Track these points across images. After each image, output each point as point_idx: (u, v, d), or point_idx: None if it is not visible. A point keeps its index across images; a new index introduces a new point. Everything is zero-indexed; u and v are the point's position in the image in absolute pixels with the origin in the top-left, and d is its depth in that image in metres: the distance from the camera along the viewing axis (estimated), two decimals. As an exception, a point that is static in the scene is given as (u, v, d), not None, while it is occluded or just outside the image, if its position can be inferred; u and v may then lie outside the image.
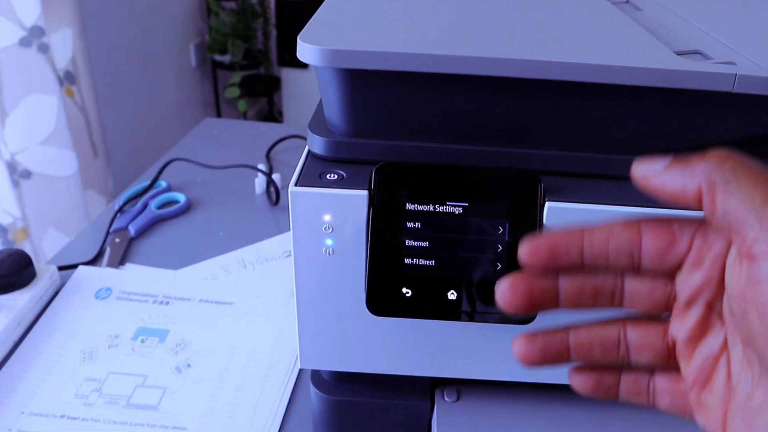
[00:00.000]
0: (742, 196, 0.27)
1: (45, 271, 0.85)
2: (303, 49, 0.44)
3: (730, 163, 0.28)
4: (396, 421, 0.59)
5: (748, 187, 0.27)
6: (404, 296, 0.45)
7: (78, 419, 0.68)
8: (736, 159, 0.28)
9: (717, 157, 0.29)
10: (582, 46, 0.47)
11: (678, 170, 0.29)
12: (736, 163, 0.28)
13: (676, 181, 0.29)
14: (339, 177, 0.47)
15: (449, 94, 0.46)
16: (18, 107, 1.56)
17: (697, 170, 0.29)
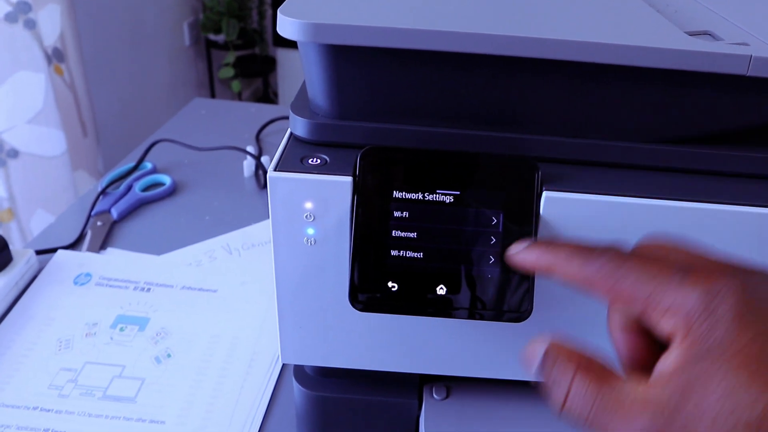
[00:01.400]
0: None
1: (22, 255, 0.82)
2: (283, 22, 0.41)
3: None
4: (383, 418, 0.56)
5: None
6: (390, 290, 0.42)
7: (51, 411, 0.65)
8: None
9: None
10: (585, 24, 0.44)
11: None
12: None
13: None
14: (322, 161, 0.44)
15: (441, 73, 0.43)
16: (4, 84, 1.52)
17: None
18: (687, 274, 0.30)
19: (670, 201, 0.42)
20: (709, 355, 0.28)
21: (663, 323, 0.30)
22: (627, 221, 0.42)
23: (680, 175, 0.45)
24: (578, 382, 0.30)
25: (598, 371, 0.31)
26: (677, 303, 0.29)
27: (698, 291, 0.29)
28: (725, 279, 0.29)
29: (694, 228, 0.42)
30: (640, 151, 0.45)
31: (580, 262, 0.33)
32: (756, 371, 0.26)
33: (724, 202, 0.42)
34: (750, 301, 0.28)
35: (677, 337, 0.29)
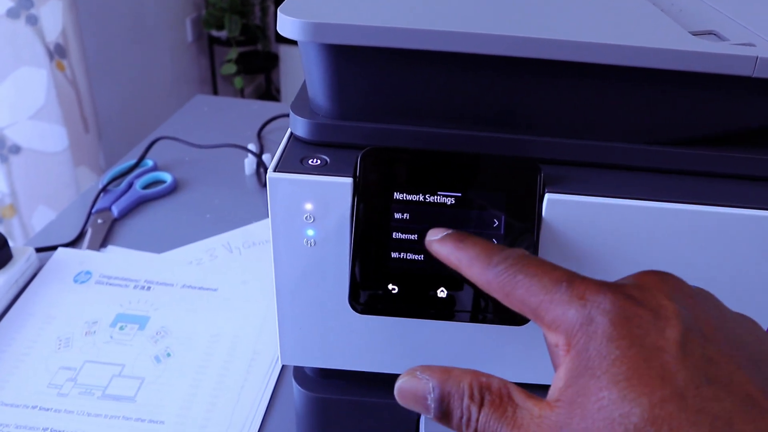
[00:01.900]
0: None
1: (22, 252, 0.81)
2: (283, 22, 0.41)
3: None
4: (383, 420, 0.56)
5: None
6: (390, 293, 0.42)
7: (50, 410, 0.65)
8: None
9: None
10: (589, 24, 0.43)
11: None
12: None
13: None
14: (322, 162, 0.44)
15: (443, 73, 0.43)
16: (6, 80, 1.52)
17: None
18: (570, 285, 0.30)
19: (673, 204, 0.41)
20: (587, 371, 0.27)
21: (550, 337, 0.30)
22: (630, 224, 0.42)
23: (684, 177, 0.44)
24: (481, 417, 0.30)
25: (495, 397, 0.30)
26: (559, 316, 0.29)
27: (576, 304, 0.29)
28: (601, 291, 0.29)
29: (698, 231, 0.42)
30: (644, 152, 0.44)
31: (481, 266, 0.33)
32: (629, 383, 0.26)
33: (729, 205, 0.41)
34: (624, 311, 0.28)
35: (562, 352, 0.29)
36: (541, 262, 0.32)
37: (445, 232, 0.37)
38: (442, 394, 0.31)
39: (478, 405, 0.30)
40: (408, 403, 0.33)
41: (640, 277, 0.31)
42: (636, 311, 0.28)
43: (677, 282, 0.31)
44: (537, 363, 0.49)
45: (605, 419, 0.26)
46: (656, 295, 0.29)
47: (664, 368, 0.26)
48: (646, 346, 0.27)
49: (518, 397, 0.30)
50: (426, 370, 0.32)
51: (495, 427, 0.29)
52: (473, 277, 0.34)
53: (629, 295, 0.29)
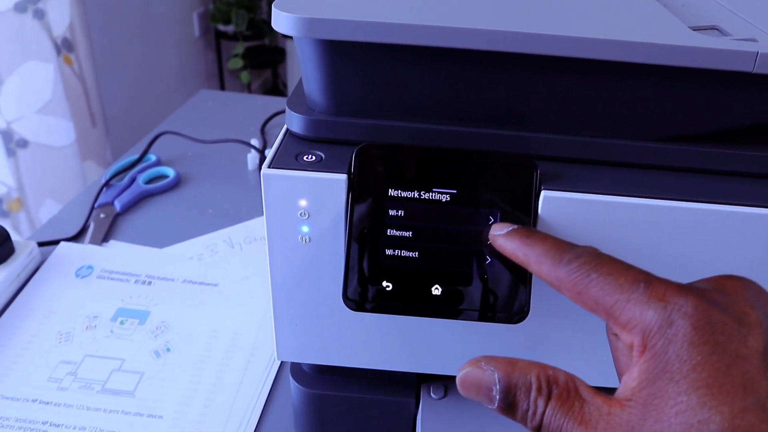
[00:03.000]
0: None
1: (24, 247, 0.81)
2: (278, 17, 0.40)
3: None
4: (380, 416, 0.55)
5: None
6: (384, 290, 0.42)
7: (50, 404, 0.65)
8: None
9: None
10: (587, 19, 0.43)
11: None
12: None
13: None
14: (317, 158, 0.43)
15: (438, 69, 0.42)
16: (13, 75, 1.52)
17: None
18: (648, 286, 0.29)
19: (671, 201, 0.41)
20: (665, 374, 0.27)
21: (624, 336, 0.30)
22: (627, 221, 0.41)
23: (683, 174, 0.44)
24: (547, 410, 0.30)
25: (562, 391, 0.30)
26: (636, 317, 0.29)
27: (655, 306, 0.28)
28: (683, 294, 0.29)
29: (696, 229, 0.41)
30: (642, 149, 0.44)
31: (551, 263, 0.33)
32: (710, 390, 0.26)
33: (727, 203, 0.41)
34: (708, 317, 0.28)
35: (636, 353, 0.29)
36: (615, 261, 0.31)
37: (511, 227, 0.37)
38: (508, 385, 0.31)
39: (546, 398, 0.30)
40: (471, 394, 0.32)
41: (721, 282, 0.31)
42: (720, 317, 0.28)
43: (758, 289, 0.31)
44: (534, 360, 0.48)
45: (682, 424, 0.26)
46: (739, 301, 0.29)
47: (746, 377, 0.26)
48: (728, 353, 0.27)
49: (586, 393, 0.30)
50: (491, 360, 0.32)
51: (561, 421, 0.29)
52: (542, 275, 0.33)
53: (713, 300, 0.29)
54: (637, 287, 0.29)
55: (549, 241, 0.34)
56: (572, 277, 0.31)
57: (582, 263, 0.32)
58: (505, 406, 0.31)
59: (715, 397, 0.26)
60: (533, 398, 0.30)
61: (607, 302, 0.30)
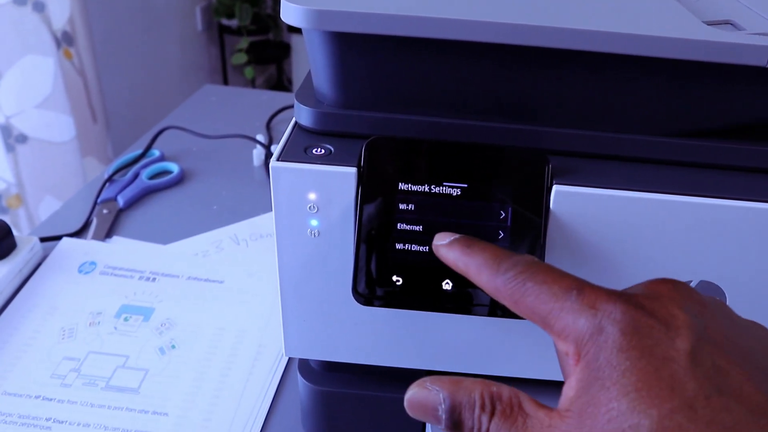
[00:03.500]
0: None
1: (26, 242, 0.81)
2: (287, 9, 0.40)
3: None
4: (388, 415, 0.55)
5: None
6: (394, 285, 0.41)
7: (54, 401, 0.65)
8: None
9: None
10: (600, 12, 0.42)
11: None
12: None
13: None
14: (326, 152, 0.43)
15: (449, 62, 0.42)
16: (12, 68, 1.51)
17: None
18: (580, 293, 0.29)
19: (683, 196, 0.40)
20: (597, 381, 0.27)
21: (560, 345, 0.30)
22: (639, 217, 0.41)
23: (695, 169, 0.43)
24: (492, 427, 0.30)
25: (505, 407, 0.30)
26: (569, 325, 0.29)
27: (586, 313, 0.28)
28: (612, 300, 0.29)
29: (708, 225, 0.41)
30: (654, 144, 0.43)
31: (489, 273, 0.33)
32: (639, 394, 0.26)
33: (739, 198, 0.40)
34: (635, 321, 0.28)
35: (572, 362, 0.29)
36: (550, 270, 0.31)
37: (453, 236, 0.37)
38: (452, 404, 0.31)
39: (489, 415, 0.30)
40: (418, 415, 0.32)
41: (651, 286, 0.31)
42: (647, 321, 0.28)
43: (689, 291, 0.31)
44: (544, 357, 0.48)
45: (614, 430, 0.26)
46: (667, 304, 0.29)
47: (673, 379, 0.26)
48: (656, 356, 0.27)
49: (529, 407, 0.30)
50: (436, 381, 0.32)
51: None
52: (481, 284, 0.33)
53: (640, 305, 0.28)
54: (569, 295, 0.29)
55: (489, 250, 0.34)
56: (509, 286, 0.31)
57: (518, 272, 0.31)
58: (451, 425, 0.31)
59: (644, 400, 0.26)
60: (477, 415, 0.30)
61: (542, 311, 0.30)
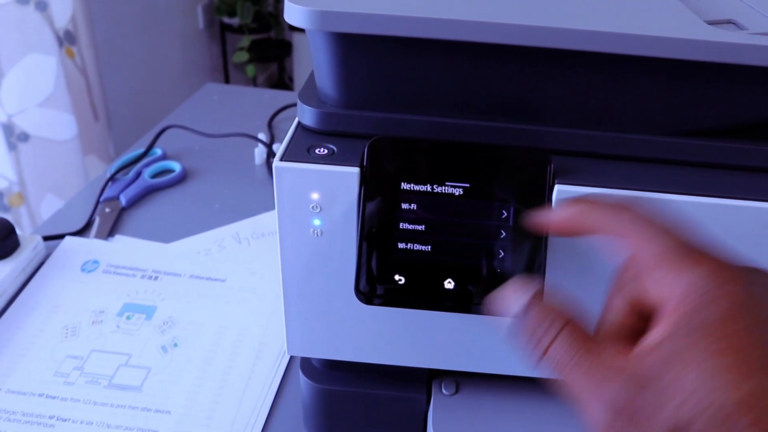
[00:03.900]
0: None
1: (29, 241, 0.81)
2: (291, 9, 0.40)
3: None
4: (390, 412, 0.55)
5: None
6: (396, 284, 0.41)
7: (57, 398, 0.65)
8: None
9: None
10: (602, 12, 0.42)
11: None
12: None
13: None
14: (329, 152, 0.43)
15: (452, 63, 0.42)
16: (15, 67, 1.51)
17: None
18: (703, 254, 0.30)
19: (685, 196, 0.40)
20: (696, 333, 0.27)
21: (660, 287, 0.30)
22: (642, 216, 0.41)
23: (697, 169, 0.43)
24: (563, 337, 0.30)
25: (583, 331, 0.31)
26: (685, 275, 0.29)
27: (707, 270, 0.29)
28: (734, 268, 0.29)
29: (710, 224, 0.41)
30: (656, 144, 0.43)
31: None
32: (744, 359, 0.26)
33: (741, 198, 0.40)
34: (751, 294, 0.28)
35: (666, 308, 0.29)
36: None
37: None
38: (532, 309, 0.32)
39: (570, 334, 0.31)
40: (504, 301, 0.33)
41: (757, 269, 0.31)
42: (758, 299, 0.28)
43: None
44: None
45: (702, 386, 0.26)
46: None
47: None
48: (756, 335, 0.27)
49: (603, 339, 0.30)
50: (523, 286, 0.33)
51: (574, 357, 0.30)
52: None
53: (754, 281, 0.29)
54: (693, 250, 0.30)
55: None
56: (629, 223, 0.32)
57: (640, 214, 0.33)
58: (523, 317, 0.32)
59: (744, 368, 0.26)
60: (556, 331, 0.31)
61: (659, 249, 0.30)
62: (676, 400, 0.26)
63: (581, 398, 0.29)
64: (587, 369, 0.29)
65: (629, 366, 0.28)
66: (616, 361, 0.29)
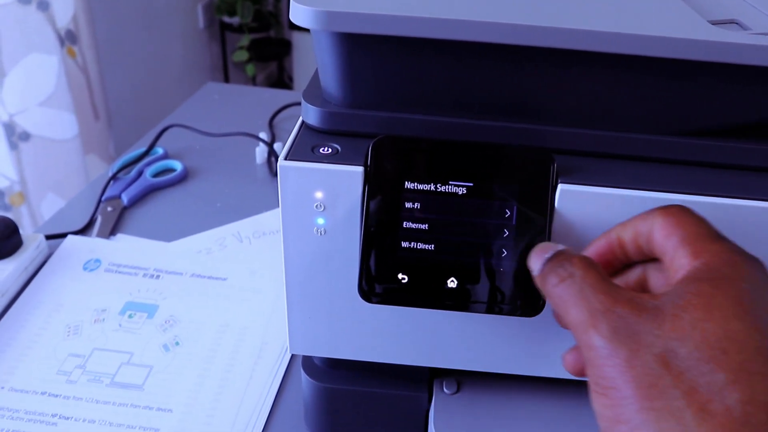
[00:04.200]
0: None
1: (32, 240, 0.81)
2: (296, 10, 0.40)
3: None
4: (392, 411, 0.55)
5: None
6: (400, 282, 0.42)
7: (59, 397, 0.65)
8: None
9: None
10: (605, 12, 0.43)
11: None
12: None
13: None
14: (333, 151, 0.43)
15: (456, 63, 0.42)
16: (16, 67, 1.51)
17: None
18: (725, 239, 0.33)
19: (688, 195, 0.41)
20: (719, 278, 0.30)
21: (677, 245, 0.33)
22: (645, 216, 0.41)
23: (699, 168, 0.43)
24: (580, 259, 0.35)
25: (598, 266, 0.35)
26: (713, 244, 0.32)
27: (728, 246, 0.32)
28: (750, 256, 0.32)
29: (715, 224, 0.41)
30: (659, 143, 0.44)
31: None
32: (750, 317, 0.29)
33: (743, 197, 0.41)
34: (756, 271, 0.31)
35: (688, 257, 0.32)
36: None
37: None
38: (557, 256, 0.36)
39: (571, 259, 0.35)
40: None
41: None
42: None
43: None
44: (549, 355, 0.48)
45: (696, 326, 0.29)
46: None
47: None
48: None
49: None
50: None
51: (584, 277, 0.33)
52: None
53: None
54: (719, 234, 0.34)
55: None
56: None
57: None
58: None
59: (742, 320, 0.29)
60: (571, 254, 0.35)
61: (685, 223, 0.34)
62: (693, 341, 0.29)
63: (585, 318, 0.32)
64: (598, 290, 0.32)
65: (638, 295, 0.32)
66: (624, 291, 0.32)
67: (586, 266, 0.34)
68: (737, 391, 0.27)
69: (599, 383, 0.30)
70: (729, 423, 0.27)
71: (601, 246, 0.37)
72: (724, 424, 0.27)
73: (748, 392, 0.27)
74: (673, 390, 0.28)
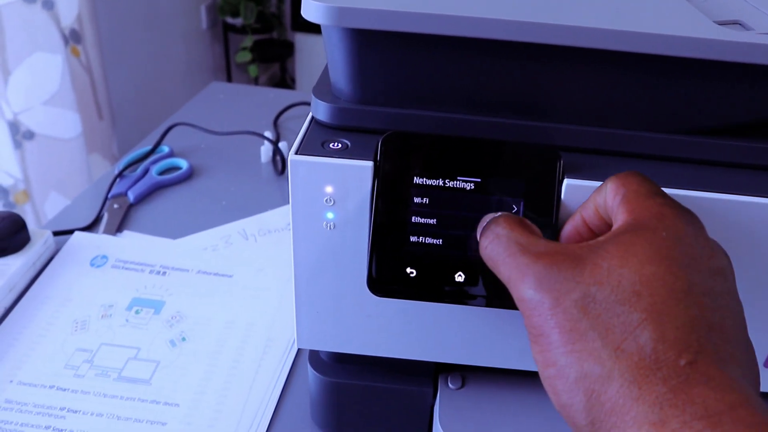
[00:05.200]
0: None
1: (39, 236, 0.82)
2: (307, 6, 0.41)
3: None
4: (397, 406, 0.56)
5: None
6: (408, 276, 0.42)
7: (67, 390, 0.66)
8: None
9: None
10: (612, 11, 0.43)
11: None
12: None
13: None
14: (343, 146, 0.44)
15: (465, 60, 0.43)
16: (21, 66, 1.52)
17: None
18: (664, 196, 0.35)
19: (692, 192, 0.41)
20: (641, 228, 0.33)
21: (620, 201, 0.35)
22: (650, 212, 0.42)
23: (704, 166, 0.44)
24: (507, 217, 0.37)
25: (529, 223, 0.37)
26: (648, 200, 0.34)
27: (662, 201, 0.34)
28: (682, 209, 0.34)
29: (718, 220, 0.42)
30: (663, 141, 0.44)
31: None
32: (662, 261, 0.31)
33: (748, 194, 0.41)
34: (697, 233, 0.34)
35: (624, 213, 0.34)
36: None
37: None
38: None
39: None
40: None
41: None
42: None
43: None
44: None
45: (613, 271, 0.31)
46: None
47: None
48: (690, 255, 0.32)
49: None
50: None
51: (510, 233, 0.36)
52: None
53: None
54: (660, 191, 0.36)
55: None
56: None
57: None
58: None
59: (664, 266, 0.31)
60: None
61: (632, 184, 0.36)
62: (594, 276, 0.31)
63: (514, 274, 0.34)
64: (524, 245, 0.35)
65: (562, 246, 0.34)
66: (549, 243, 0.34)
67: (512, 224, 0.36)
68: (649, 330, 0.29)
69: (532, 332, 0.33)
70: (641, 360, 0.29)
71: (568, 231, 0.40)
72: (637, 362, 0.29)
73: (659, 331, 0.29)
74: (591, 332, 0.30)
